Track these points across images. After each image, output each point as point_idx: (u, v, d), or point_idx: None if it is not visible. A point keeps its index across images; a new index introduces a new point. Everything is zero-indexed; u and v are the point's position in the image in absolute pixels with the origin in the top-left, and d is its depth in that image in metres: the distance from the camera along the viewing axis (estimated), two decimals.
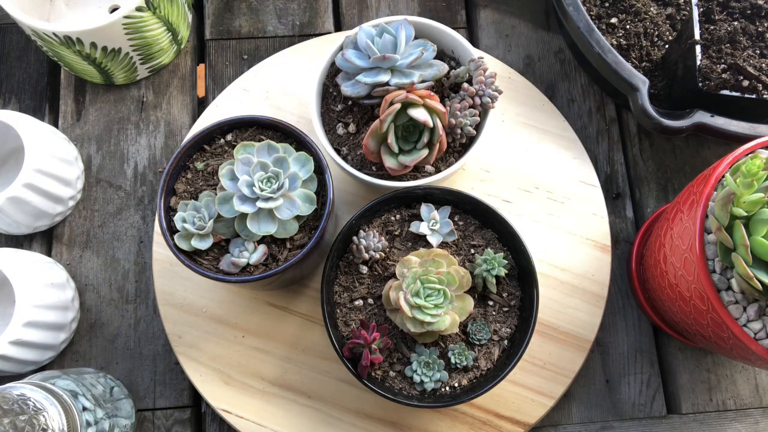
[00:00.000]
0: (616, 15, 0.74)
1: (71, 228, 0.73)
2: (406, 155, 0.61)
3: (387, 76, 0.60)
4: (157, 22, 0.70)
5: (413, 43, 0.64)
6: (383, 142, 0.60)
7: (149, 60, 0.74)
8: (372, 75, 0.61)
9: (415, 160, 0.60)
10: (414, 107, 0.58)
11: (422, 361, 0.59)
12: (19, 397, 0.50)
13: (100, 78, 0.74)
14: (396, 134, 0.60)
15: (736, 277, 0.50)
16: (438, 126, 0.59)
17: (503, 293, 0.62)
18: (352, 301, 0.61)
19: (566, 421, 0.68)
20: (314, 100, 0.64)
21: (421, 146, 0.60)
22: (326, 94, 0.65)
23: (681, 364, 0.69)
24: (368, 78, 0.60)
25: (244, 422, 0.64)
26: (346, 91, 0.62)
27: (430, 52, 0.63)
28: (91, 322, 0.70)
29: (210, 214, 0.57)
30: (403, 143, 0.61)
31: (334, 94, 0.65)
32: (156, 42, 0.73)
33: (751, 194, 0.49)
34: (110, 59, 0.70)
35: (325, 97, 0.65)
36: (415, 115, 0.57)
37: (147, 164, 0.75)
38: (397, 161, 0.60)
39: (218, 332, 0.67)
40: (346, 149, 0.64)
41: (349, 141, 0.64)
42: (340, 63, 0.63)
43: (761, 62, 0.66)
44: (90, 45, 0.67)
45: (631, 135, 0.77)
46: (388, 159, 0.60)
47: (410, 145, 0.61)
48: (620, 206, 0.75)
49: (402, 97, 0.58)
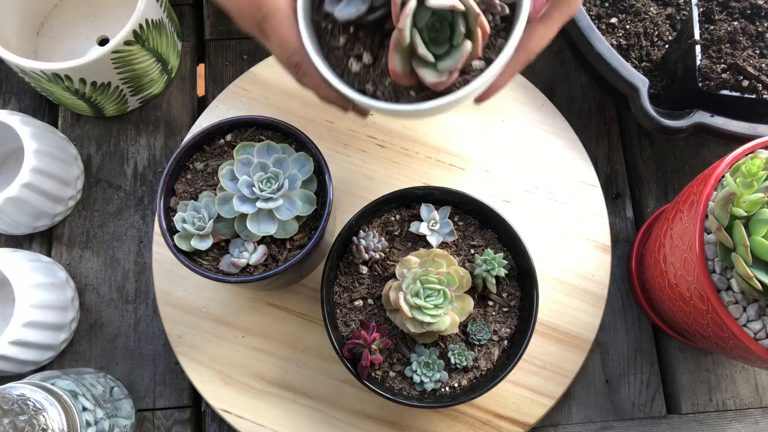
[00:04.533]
0: (616, 15, 0.74)
1: (71, 228, 0.73)
2: (445, 59, 0.47)
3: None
4: (146, 54, 0.70)
5: None
6: (412, 55, 0.47)
7: (140, 92, 0.74)
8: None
9: (460, 59, 0.46)
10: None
11: (422, 361, 0.59)
12: (19, 397, 0.50)
13: (90, 111, 0.74)
14: (424, 39, 0.46)
15: (736, 277, 0.50)
16: (470, 5, 0.45)
17: (503, 293, 0.62)
18: (352, 301, 0.61)
19: (566, 421, 0.68)
20: (309, 44, 0.49)
21: (459, 40, 0.47)
22: (321, 32, 0.51)
23: (681, 364, 0.69)
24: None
25: (244, 422, 0.64)
26: (341, 15, 0.48)
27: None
28: (91, 322, 0.70)
29: (210, 214, 0.57)
30: (435, 47, 0.47)
31: (329, 28, 0.50)
32: (146, 74, 0.72)
33: (751, 194, 0.49)
34: (100, 93, 0.70)
35: (321, 36, 0.51)
36: (438, 3, 0.44)
37: (147, 164, 0.75)
38: (438, 71, 0.47)
39: (218, 332, 0.67)
40: (370, 85, 0.50)
41: (370, 74, 0.50)
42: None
43: (761, 62, 0.66)
44: (79, 81, 0.66)
45: (631, 135, 0.77)
46: (427, 72, 0.47)
47: (445, 46, 0.47)
48: (620, 206, 0.74)
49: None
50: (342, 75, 0.50)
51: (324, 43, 0.51)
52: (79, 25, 0.78)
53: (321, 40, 0.51)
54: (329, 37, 0.50)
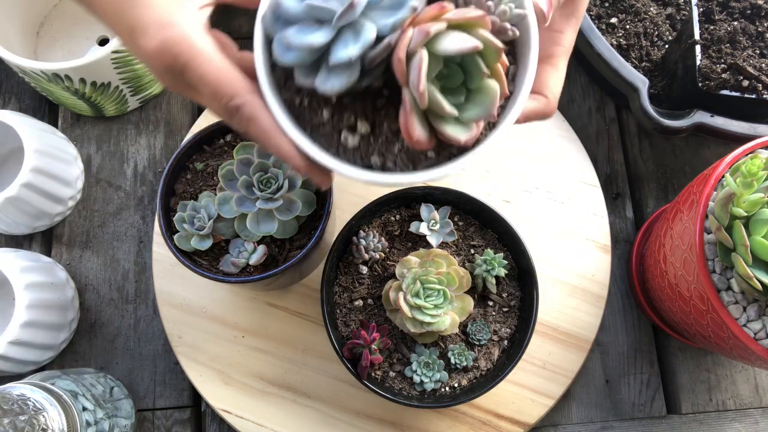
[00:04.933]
0: (616, 15, 0.74)
1: (71, 228, 0.73)
2: (469, 108, 0.39)
3: (371, 29, 0.36)
4: None
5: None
6: (435, 116, 0.38)
7: (140, 92, 0.74)
8: (353, 39, 0.37)
9: (491, 105, 0.38)
10: (440, 40, 0.36)
11: (422, 361, 0.59)
12: (19, 397, 0.50)
13: (90, 111, 0.74)
14: (443, 93, 0.38)
15: (736, 277, 0.50)
16: (489, 39, 0.37)
17: (503, 293, 0.62)
18: (352, 301, 0.61)
19: (566, 421, 0.68)
20: (286, 124, 0.39)
21: (480, 81, 0.38)
22: (296, 109, 0.40)
23: (681, 364, 0.69)
24: (352, 47, 0.36)
25: (244, 422, 0.64)
26: (328, 88, 0.38)
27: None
28: (91, 322, 0.70)
29: (210, 214, 0.57)
30: (452, 97, 0.39)
31: (306, 103, 0.40)
32: (146, 74, 0.72)
33: (751, 194, 0.49)
34: (100, 93, 0.70)
35: (297, 113, 0.40)
36: (455, 48, 0.36)
37: (147, 164, 0.75)
38: (463, 124, 0.39)
39: (218, 332, 0.67)
40: (377, 157, 0.40)
41: (373, 144, 0.40)
42: (281, 55, 0.38)
43: (761, 62, 0.66)
44: (79, 81, 0.66)
45: (631, 135, 0.77)
46: (455, 129, 0.39)
47: (460, 92, 0.39)
48: (620, 206, 0.74)
49: (420, 39, 0.36)
50: (337, 153, 0.40)
51: (303, 121, 0.40)
52: (79, 25, 0.78)
53: (298, 119, 0.40)
54: (308, 114, 0.40)
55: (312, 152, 0.39)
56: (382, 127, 0.40)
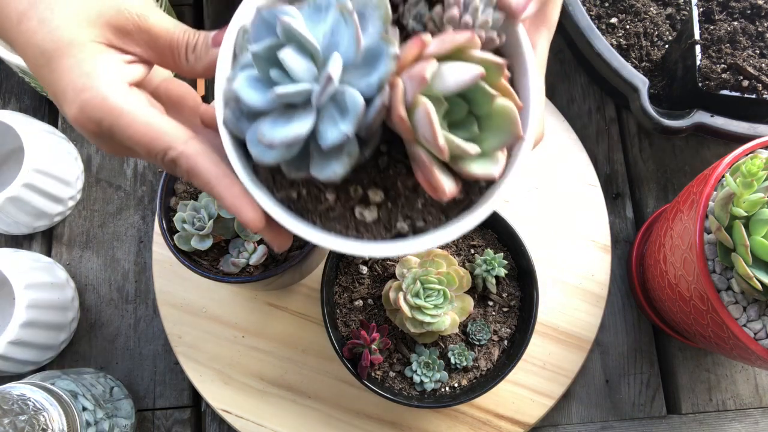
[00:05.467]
0: (616, 15, 0.74)
1: (71, 228, 0.73)
2: (490, 136, 0.34)
3: (356, 97, 0.31)
4: None
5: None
6: (455, 158, 0.33)
7: None
8: (339, 114, 0.32)
9: (513, 126, 0.34)
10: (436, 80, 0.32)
11: (422, 361, 0.59)
12: (19, 397, 0.50)
13: None
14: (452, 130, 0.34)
15: (736, 277, 0.50)
16: (489, 59, 0.33)
17: (503, 293, 0.62)
18: (352, 301, 0.61)
19: (566, 421, 0.68)
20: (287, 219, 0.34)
21: (489, 105, 0.33)
22: (296, 203, 0.35)
23: (681, 364, 0.69)
24: (342, 123, 0.31)
25: (243, 422, 0.64)
26: (331, 175, 0.32)
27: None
28: (91, 322, 0.70)
29: (210, 214, 0.57)
30: (464, 131, 0.34)
31: (304, 194, 0.35)
32: None
33: (751, 194, 0.49)
34: None
35: (299, 208, 0.35)
36: (455, 85, 0.32)
37: (147, 164, 0.75)
38: (491, 156, 0.34)
39: (218, 332, 0.67)
40: (403, 223, 0.35)
41: (395, 210, 0.35)
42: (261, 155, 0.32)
43: (761, 62, 0.66)
44: None
45: (631, 135, 0.77)
46: (482, 165, 0.34)
47: (472, 123, 0.34)
48: (620, 206, 0.74)
49: (416, 88, 0.31)
50: (358, 233, 0.35)
51: (309, 214, 0.35)
52: None
53: (302, 215, 0.35)
54: (311, 203, 0.35)
55: (333, 244, 0.34)
56: (396, 188, 0.36)
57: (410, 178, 0.35)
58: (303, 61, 0.31)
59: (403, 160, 0.35)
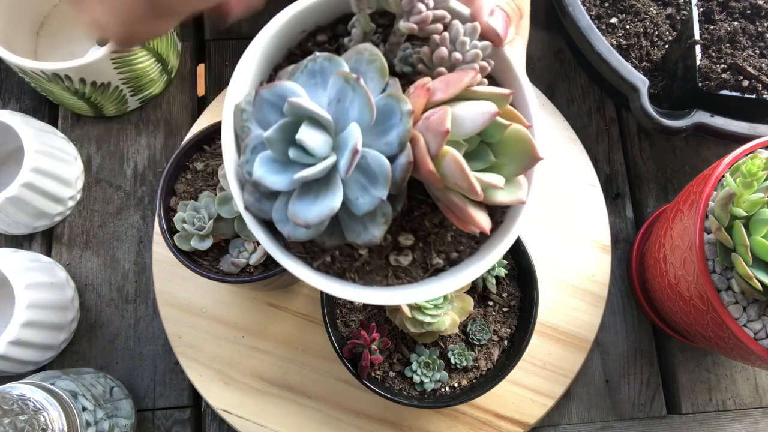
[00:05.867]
0: (616, 15, 0.74)
1: (71, 228, 0.73)
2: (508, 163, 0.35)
3: (382, 160, 0.32)
4: (146, 54, 0.69)
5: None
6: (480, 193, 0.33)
7: (140, 92, 0.74)
8: (367, 179, 0.32)
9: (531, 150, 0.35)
10: (455, 127, 0.32)
11: (422, 361, 0.59)
12: (19, 397, 0.50)
13: (90, 111, 0.74)
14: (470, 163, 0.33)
15: (736, 277, 0.50)
16: (496, 93, 0.34)
17: (503, 293, 0.62)
18: (352, 301, 0.61)
19: (566, 421, 0.68)
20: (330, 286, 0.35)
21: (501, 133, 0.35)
22: (332, 266, 0.36)
23: (681, 364, 0.69)
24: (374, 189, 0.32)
25: (244, 422, 0.64)
26: (372, 238, 0.33)
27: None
28: (91, 322, 0.70)
29: (210, 214, 0.57)
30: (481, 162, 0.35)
31: (338, 254, 0.36)
32: (146, 74, 0.72)
33: (751, 194, 0.49)
34: (100, 93, 0.69)
35: (338, 272, 0.36)
36: (475, 128, 0.32)
37: (147, 164, 0.75)
38: (512, 182, 0.36)
39: (218, 332, 0.67)
40: (439, 258, 0.37)
41: (428, 248, 0.37)
42: (292, 233, 0.33)
43: (761, 62, 0.66)
44: (79, 81, 0.66)
45: (631, 135, 0.77)
46: (508, 193, 0.36)
47: (487, 153, 0.35)
48: (620, 206, 0.74)
49: (440, 142, 0.31)
50: (398, 279, 0.36)
51: (347, 275, 0.36)
52: (79, 25, 0.78)
53: (341, 277, 0.36)
54: (346, 263, 0.36)
55: (380, 298, 0.34)
56: (424, 227, 0.37)
57: (435, 215, 0.36)
58: (320, 136, 0.31)
59: (423, 199, 0.35)
